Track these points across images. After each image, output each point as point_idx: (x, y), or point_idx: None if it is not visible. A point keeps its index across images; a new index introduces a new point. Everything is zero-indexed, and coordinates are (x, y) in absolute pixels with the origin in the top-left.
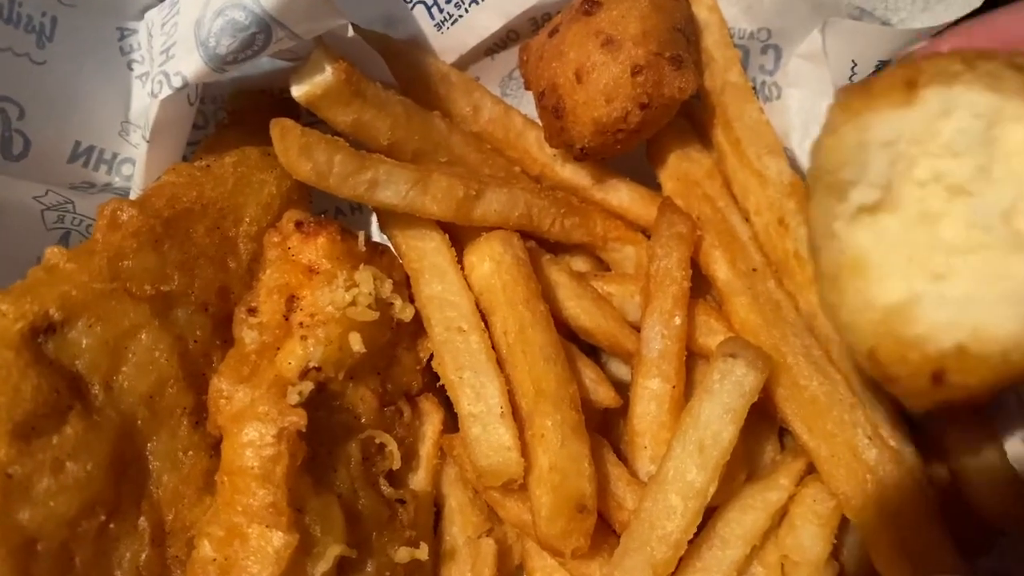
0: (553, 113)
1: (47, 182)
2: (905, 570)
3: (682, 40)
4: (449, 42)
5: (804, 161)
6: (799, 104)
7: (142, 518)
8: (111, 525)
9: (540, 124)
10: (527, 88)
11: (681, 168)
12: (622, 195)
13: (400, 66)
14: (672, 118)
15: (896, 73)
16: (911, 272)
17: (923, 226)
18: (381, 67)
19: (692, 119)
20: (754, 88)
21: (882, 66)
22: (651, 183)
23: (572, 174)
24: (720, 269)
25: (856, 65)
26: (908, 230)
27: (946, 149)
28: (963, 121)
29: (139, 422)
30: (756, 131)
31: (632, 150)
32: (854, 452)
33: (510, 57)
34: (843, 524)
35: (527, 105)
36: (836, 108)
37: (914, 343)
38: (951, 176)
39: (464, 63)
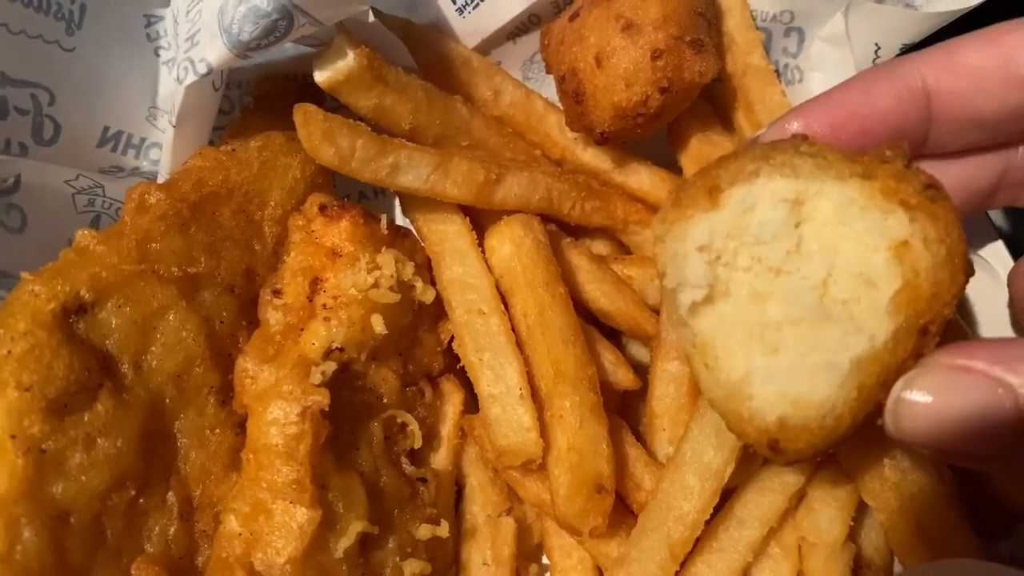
0: (573, 97)
1: (77, 166)
2: (923, 554)
3: (703, 24)
4: (471, 26)
5: None
6: (822, 87)
7: (170, 493)
8: (141, 500)
9: (561, 108)
10: (548, 72)
11: (702, 151)
12: (643, 178)
13: (421, 51)
14: (693, 102)
15: (697, 183)
16: (750, 349)
17: (754, 305)
18: (402, 52)
19: (713, 102)
20: (776, 71)
21: (906, 50)
22: (672, 167)
23: (593, 158)
24: None
25: (879, 48)
26: (742, 311)
27: (756, 239)
28: (766, 213)
29: (167, 400)
30: (778, 114)
31: (653, 134)
32: (872, 435)
33: (532, 41)
34: (861, 507)
35: (548, 89)
36: (656, 220)
37: (748, 419)
38: (768, 259)
39: (486, 47)
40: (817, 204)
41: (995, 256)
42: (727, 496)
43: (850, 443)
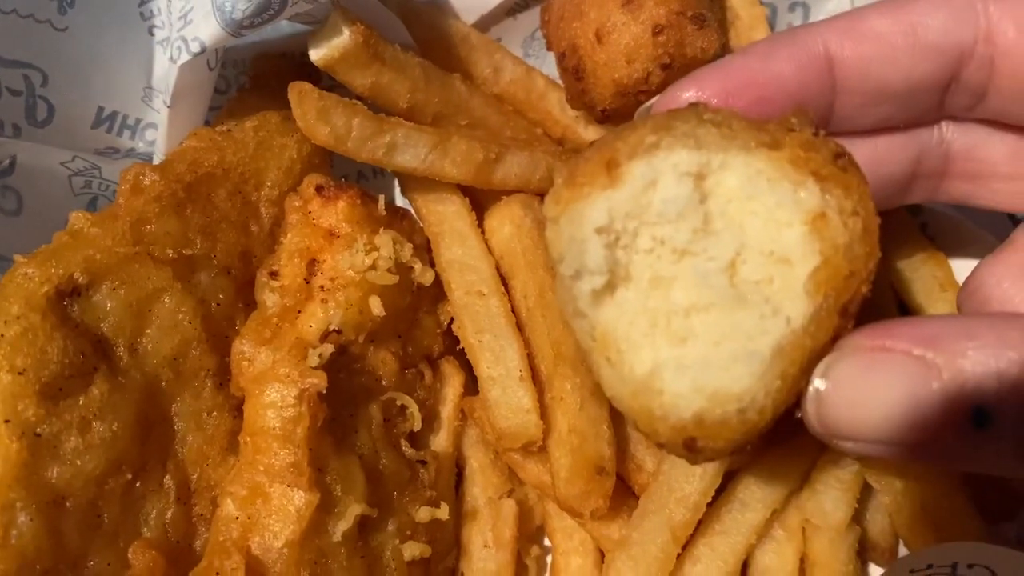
0: (574, 74)
1: (73, 148)
2: (928, 536)
3: None
4: (470, 2)
5: None
6: None
7: (167, 477)
8: (137, 484)
9: (562, 86)
10: (549, 49)
11: None
12: None
13: (419, 28)
14: None
15: (594, 157)
16: (656, 339)
17: (658, 291)
18: (400, 29)
19: None
20: None
21: None
22: None
23: (594, 136)
24: None
25: None
26: (645, 298)
27: (660, 218)
28: (668, 189)
29: (163, 383)
30: None
31: None
32: None
33: (532, 17)
34: (866, 489)
35: (550, 67)
36: (549, 200)
37: (660, 417)
38: (672, 240)
39: (485, 24)
40: (721, 178)
41: None
42: (729, 478)
43: None
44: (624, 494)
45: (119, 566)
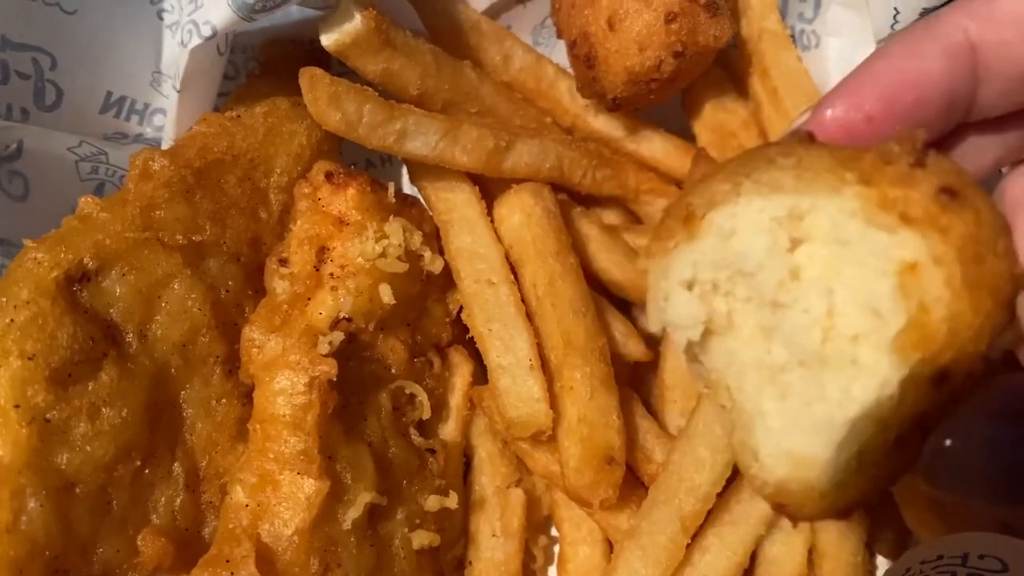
0: (585, 62)
1: (80, 133)
2: (937, 527)
3: None
4: None
5: None
6: (838, 53)
7: (176, 464)
8: (146, 470)
9: (572, 74)
10: (559, 37)
11: (716, 118)
12: (655, 146)
13: (430, 14)
14: (707, 67)
15: (672, 212)
16: (762, 390)
17: (761, 340)
18: (411, 15)
19: (728, 68)
20: (792, 36)
21: (926, 13)
22: (685, 134)
23: (604, 125)
24: None
25: (899, 13)
26: (751, 348)
27: (743, 268)
28: (746, 239)
29: (173, 370)
30: (794, 80)
31: (666, 100)
32: None
33: (543, 5)
34: None
35: (559, 54)
36: (641, 253)
37: (754, 477)
38: (764, 292)
39: (495, 11)
40: (811, 221)
41: None
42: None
43: None
44: (633, 484)
45: (128, 552)
